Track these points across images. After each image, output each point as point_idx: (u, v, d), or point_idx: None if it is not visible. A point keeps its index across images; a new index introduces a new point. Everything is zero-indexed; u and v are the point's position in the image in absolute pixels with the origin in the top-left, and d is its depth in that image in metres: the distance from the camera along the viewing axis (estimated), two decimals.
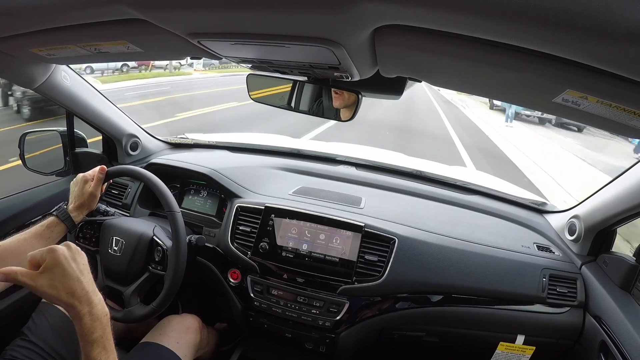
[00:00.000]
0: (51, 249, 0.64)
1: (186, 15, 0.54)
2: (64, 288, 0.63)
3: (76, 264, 0.66)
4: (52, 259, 0.63)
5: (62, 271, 0.63)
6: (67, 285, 0.63)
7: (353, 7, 0.42)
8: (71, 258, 0.65)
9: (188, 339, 1.16)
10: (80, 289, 0.64)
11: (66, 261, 0.64)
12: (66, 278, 0.63)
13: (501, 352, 1.19)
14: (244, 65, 0.88)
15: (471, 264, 1.14)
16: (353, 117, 0.97)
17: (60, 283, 0.63)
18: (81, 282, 0.64)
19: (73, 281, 0.64)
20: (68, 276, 0.63)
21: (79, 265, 0.66)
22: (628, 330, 0.97)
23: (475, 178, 1.69)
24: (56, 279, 0.63)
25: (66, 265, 0.64)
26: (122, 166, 1.17)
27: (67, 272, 0.63)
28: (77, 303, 0.63)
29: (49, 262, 0.63)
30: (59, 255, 0.64)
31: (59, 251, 0.64)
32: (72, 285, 0.63)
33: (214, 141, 1.81)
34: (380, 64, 0.67)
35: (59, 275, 0.63)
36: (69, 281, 0.63)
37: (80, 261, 0.67)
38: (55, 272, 0.63)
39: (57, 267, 0.63)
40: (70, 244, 0.68)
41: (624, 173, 1.08)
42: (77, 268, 0.65)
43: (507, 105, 12.66)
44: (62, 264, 0.63)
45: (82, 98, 1.30)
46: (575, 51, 0.41)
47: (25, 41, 0.78)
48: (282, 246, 1.16)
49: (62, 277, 0.63)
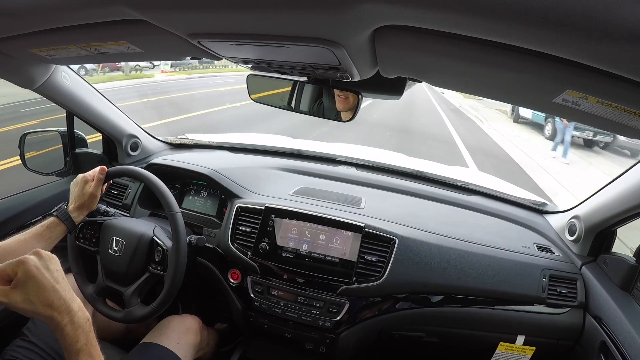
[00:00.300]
0: (20, 261, 0.60)
1: (186, 15, 0.54)
2: (40, 301, 0.59)
3: (49, 272, 0.61)
4: (24, 271, 0.59)
5: (36, 283, 0.59)
6: (43, 297, 0.59)
7: (353, 8, 0.42)
8: (44, 267, 0.61)
9: (188, 339, 1.16)
10: (57, 299, 0.60)
11: (39, 272, 0.60)
12: (41, 290, 0.59)
13: (501, 352, 1.19)
14: (244, 65, 0.88)
15: (471, 265, 1.14)
16: (353, 118, 0.97)
17: (35, 296, 0.59)
18: (57, 292, 0.61)
19: (49, 292, 0.60)
20: (43, 288, 0.59)
21: (53, 273, 0.62)
22: (628, 331, 0.96)
23: (476, 178, 1.69)
24: (31, 293, 0.59)
25: (39, 277, 0.59)
26: (122, 166, 1.17)
27: (42, 283, 0.59)
28: (56, 314, 0.60)
29: (21, 276, 0.59)
30: (30, 267, 0.59)
31: (30, 262, 0.60)
32: (48, 297, 0.59)
33: (214, 141, 1.81)
34: (381, 65, 0.67)
35: (33, 288, 0.59)
36: (44, 293, 0.59)
37: (53, 268, 0.63)
38: (29, 286, 0.59)
39: (30, 280, 0.59)
40: (40, 251, 0.64)
41: (624, 173, 1.08)
42: (51, 277, 0.61)
43: (558, 126, 7.92)
44: (34, 276, 0.59)
45: (82, 98, 1.30)
46: (576, 51, 0.41)
47: (25, 41, 0.78)
48: (282, 246, 1.16)
49: (37, 290, 0.59)
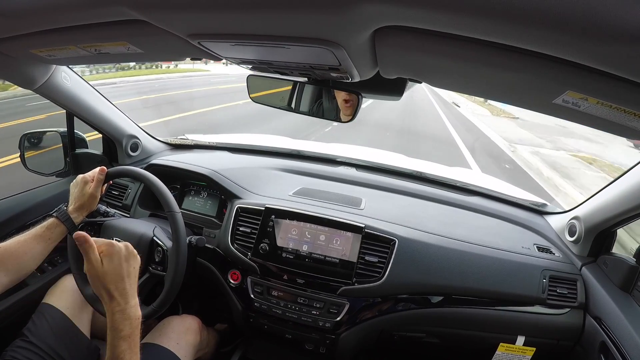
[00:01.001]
0: (110, 243, 0.73)
1: (186, 16, 0.54)
2: (112, 279, 0.71)
3: (127, 264, 0.74)
4: (109, 250, 0.72)
5: (112, 265, 0.72)
6: (114, 276, 0.71)
7: (353, 8, 0.42)
8: (125, 257, 0.74)
9: (188, 339, 1.16)
10: (122, 287, 0.72)
11: (119, 257, 0.73)
12: (115, 270, 0.72)
13: (501, 353, 1.19)
14: (244, 66, 0.88)
15: (471, 265, 1.14)
16: (353, 118, 0.97)
17: (109, 272, 0.71)
18: (124, 282, 0.72)
19: (119, 276, 0.72)
20: (116, 270, 0.72)
21: (129, 267, 0.74)
22: (628, 331, 0.96)
23: (476, 179, 1.69)
24: (108, 267, 0.71)
25: (117, 261, 0.73)
26: (122, 167, 1.16)
27: (116, 267, 0.72)
28: (116, 295, 0.71)
29: (106, 251, 0.72)
30: (115, 249, 0.73)
31: (116, 247, 0.73)
32: (117, 280, 0.71)
33: (214, 142, 1.81)
34: (381, 65, 0.67)
35: (111, 265, 0.72)
36: (116, 274, 0.72)
37: (131, 263, 0.75)
38: (109, 262, 0.72)
39: (111, 258, 0.72)
40: (129, 245, 0.77)
41: (624, 174, 1.08)
42: (126, 267, 0.74)
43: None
44: (114, 258, 0.72)
45: (83, 99, 1.30)
46: (576, 52, 0.41)
47: (25, 42, 0.78)
48: (282, 247, 1.16)
49: (112, 268, 0.72)
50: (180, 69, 19.65)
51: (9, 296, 1.18)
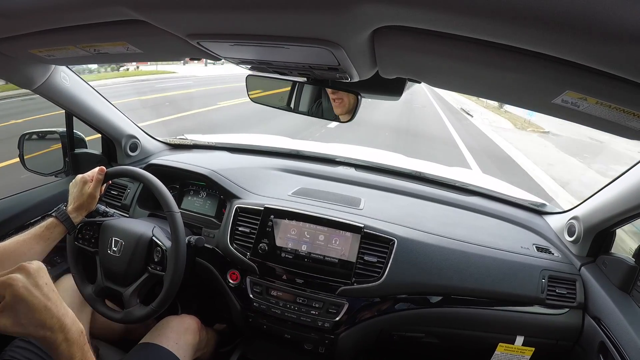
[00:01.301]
0: (6, 283, 0.54)
1: (185, 16, 0.54)
2: (32, 323, 0.55)
3: (39, 289, 0.57)
4: (12, 294, 0.54)
5: (26, 306, 0.55)
6: (34, 319, 0.55)
7: (352, 8, 0.42)
8: (33, 285, 0.56)
9: (187, 339, 1.16)
10: (49, 318, 0.56)
11: (28, 292, 0.55)
12: (32, 312, 0.55)
13: (500, 353, 1.19)
14: (243, 66, 0.88)
15: (470, 265, 1.14)
16: (352, 118, 0.97)
17: (26, 319, 0.54)
18: (50, 310, 0.56)
19: (40, 312, 0.55)
20: (34, 309, 0.55)
21: (43, 290, 0.57)
22: (627, 332, 0.96)
23: (475, 179, 1.69)
24: (21, 316, 0.54)
25: (30, 298, 0.55)
26: (121, 167, 1.16)
27: (32, 304, 0.55)
28: (49, 334, 0.56)
29: (9, 300, 0.54)
30: (18, 289, 0.54)
31: (18, 283, 0.55)
32: (40, 317, 0.55)
33: (213, 142, 1.81)
34: (380, 65, 0.67)
35: (24, 310, 0.54)
36: (35, 314, 0.55)
37: (42, 283, 0.58)
38: (19, 309, 0.54)
39: (19, 303, 0.54)
40: (26, 266, 0.58)
41: (623, 174, 1.08)
42: (41, 295, 0.56)
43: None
44: (24, 298, 0.54)
45: (82, 99, 1.30)
46: (575, 52, 0.41)
47: (24, 42, 0.78)
48: (282, 247, 1.16)
49: (28, 312, 0.55)
50: (141, 71, 17.36)
51: None
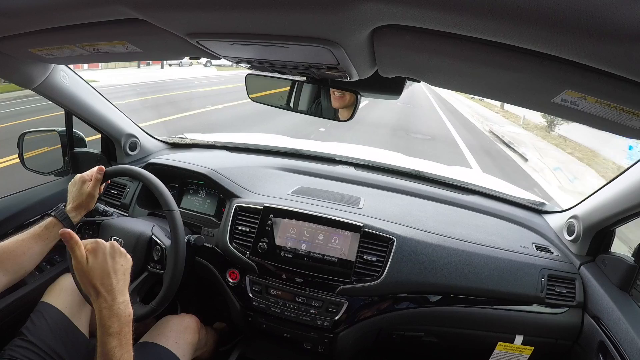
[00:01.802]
0: (95, 240, 0.75)
1: (185, 15, 0.54)
2: (96, 274, 0.71)
3: (113, 261, 0.74)
4: (93, 247, 0.73)
5: (97, 262, 0.72)
6: (99, 272, 0.72)
7: (352, 7, 0.42)
8: (110, 255, 0.74)
9: (186, 339, 1.16)
10: (108, 283, 0.72)
11: (103, 255, 0.73)
12: (100, 266, 0.72)
13: (500, 352, 1.19)
14: (243, 65, 0.88)
15: (470, 264, 1.15)
16: (352, 117, 0.97)
17: (94, 268, 0.72)
18: (110, 278, 0.72)
19: (104, 272, 0.72)
20: (101, 266, 0.72)
21: (115, 264, 0.75)
22: (627, 331, 0.97)
23: (474, 178, 1.69)
24: (93, 263, 0.72)
25: (101, 258, 0.73)
26: (120, 166, 1.16)
27: (101, 264, 0.72)
28: (102, 291, 0.71)
29: (91, 248, 0.73)
30: (99, 246, 0.74)
31: (101, 244, 0.74)
32: (102, 276, 0.72)
33: (212, 141, 1.81)
34: (379, 64, 0.67)
35: (96, 262, 0.72)
36: (101, 270, 0.72)
37: (118, 260, 0.75)
38: (94, 258, 0.72)
39: (96, 254, 0.73)
40: (115, 243, 0.77)
41: (622, 173, 1.08)
42: (112, 264, 0.74)
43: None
44: (100, 253, 0.73)
45: (81, 98, 1.30)
46: (575, 51, 0.41)
47: (24, 41, 0.78)
48: (281, 246, 1.16)
49: (97, 264, 0.72)
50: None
51: (8, 295, 1.18)
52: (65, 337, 1.04)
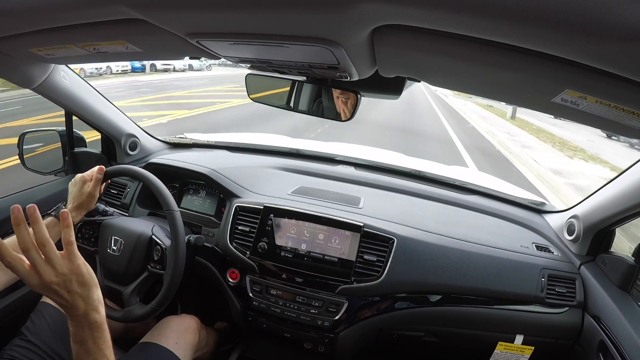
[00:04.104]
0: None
1: (185, 15, 0.54)
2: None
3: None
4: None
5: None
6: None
7: (352, 7, 0.42)
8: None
9: (187, 339, 1.16)
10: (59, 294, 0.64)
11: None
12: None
13: (500, 352, 1.19)
14: (243, 65, 0.88)
15: (470, 264, 1.15)
16: (352, 117, 0.97)
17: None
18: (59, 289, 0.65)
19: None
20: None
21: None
22: (627, 330, 0.97)
23: (474, 178, 1.69)
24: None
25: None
26: (120, 166, 1.16)
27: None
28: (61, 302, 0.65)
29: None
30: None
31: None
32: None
33: (212, 141, 1.81)
34: (379, 64, 0.67)
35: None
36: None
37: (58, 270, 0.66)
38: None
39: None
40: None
41: (623, 173, 1.08)
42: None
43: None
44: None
45: (81, 98, 1.30)
46: (575, 51, 0.41)
47: (24, 41, 0.78)
48: (281, 246, 1.16)
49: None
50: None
51: (8, 295, 1.18)
52: (65, 337, 1.04)
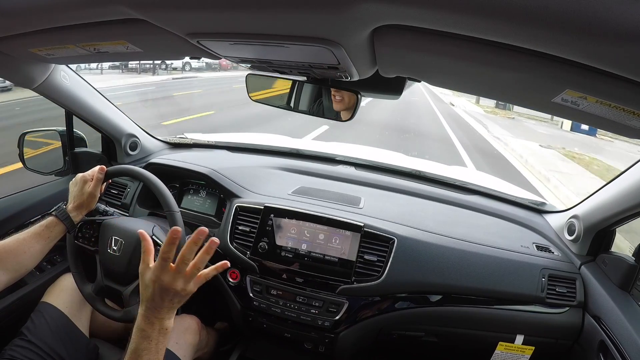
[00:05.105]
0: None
1: (185, 15, 0.54)
2: (163, 285, 0.84)
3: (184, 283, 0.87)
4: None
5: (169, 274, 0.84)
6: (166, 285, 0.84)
7: (352, 7, 0.42)
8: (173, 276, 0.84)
9: (187, 339, 1.16)
10: (168, 299, 0.85)
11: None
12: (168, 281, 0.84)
13: (500, 352, 1.19)
14: (243, 65, 0.88)
15: (470, 264, 1.14)
16: (352, 117, 0.97)
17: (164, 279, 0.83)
18: (171, 295, 0.85)
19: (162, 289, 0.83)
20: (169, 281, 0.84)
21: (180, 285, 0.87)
22: (627, 330, 0.97)
23: (475, 178, 1.69)
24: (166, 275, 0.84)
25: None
26: (121, 166, 1.16)
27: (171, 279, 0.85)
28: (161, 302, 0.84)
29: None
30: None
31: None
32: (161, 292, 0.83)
33: (213, 141, 1.81)
34: (380, 64, 0.67)
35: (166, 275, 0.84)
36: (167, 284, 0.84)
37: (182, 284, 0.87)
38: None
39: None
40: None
41: (623, 173, 1.08)
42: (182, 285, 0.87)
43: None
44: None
45: (82, 98, 1.30)
46: (575, 51, 0.41)
47: (24, 41, 0.78)
48: (281, 246, 1.16)
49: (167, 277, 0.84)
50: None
51: (8, 295, 1.18)
52: (65, 337, 1.04)
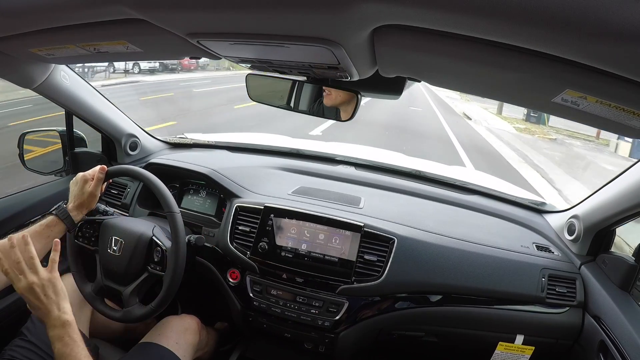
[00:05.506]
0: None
1: (185, 15, 0.54)
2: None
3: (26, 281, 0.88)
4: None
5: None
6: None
7: (352, 7, 0.42)
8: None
9: (187, 339, 1.16)
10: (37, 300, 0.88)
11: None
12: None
13: (500, 352, 1.19)
14: (243, 65, 0.88)
15: (470, 264, 1.14)
16: (352, 117, 0.97)
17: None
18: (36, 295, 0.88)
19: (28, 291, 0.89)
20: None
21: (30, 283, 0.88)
22: (627, 330, 0.97)
23: (475, 178, 1.69)
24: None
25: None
26: (121, 166, 1.16)
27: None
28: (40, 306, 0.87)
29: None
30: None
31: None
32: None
33: (213, 141, 1.81)
34: (380, 64, 0.67)
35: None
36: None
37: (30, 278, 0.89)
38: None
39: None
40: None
41: (623, 173, 1.08)
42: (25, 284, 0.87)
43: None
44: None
45: (82, 98, 1.30)
46: (575, 51, 0.41)
47: (24, 41, 0.78)
48: (282, 246, 1.16)
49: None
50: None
51: (8, 295, 1.18)
52: None
